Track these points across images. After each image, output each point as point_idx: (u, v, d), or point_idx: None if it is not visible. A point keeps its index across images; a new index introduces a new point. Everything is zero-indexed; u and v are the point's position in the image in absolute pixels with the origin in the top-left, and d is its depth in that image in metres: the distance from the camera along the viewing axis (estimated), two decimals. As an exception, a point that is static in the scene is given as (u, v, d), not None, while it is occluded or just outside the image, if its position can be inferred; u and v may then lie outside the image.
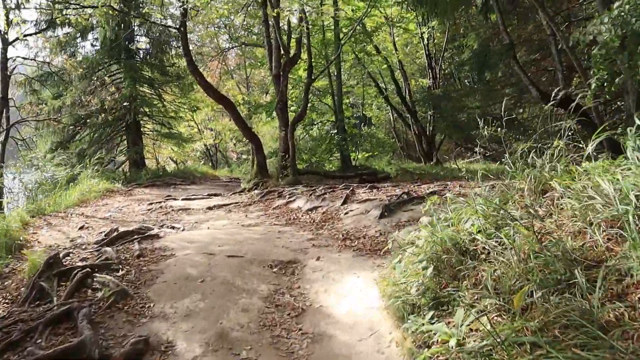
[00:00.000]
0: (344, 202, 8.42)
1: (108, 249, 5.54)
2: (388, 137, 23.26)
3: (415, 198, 7.59)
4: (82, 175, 14.19)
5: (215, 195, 12.62)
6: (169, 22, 16.45)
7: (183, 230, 7.54)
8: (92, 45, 19.34)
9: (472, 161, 20.03)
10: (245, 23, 17.57)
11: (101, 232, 7.16)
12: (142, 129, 20.18)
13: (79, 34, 17.94)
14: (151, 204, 10.99)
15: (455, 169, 15.59)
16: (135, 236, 6.48)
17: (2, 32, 12.77)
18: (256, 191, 12.14)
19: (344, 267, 5.22)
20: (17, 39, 11.62)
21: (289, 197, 10.03)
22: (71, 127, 17.18)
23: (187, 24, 13.29)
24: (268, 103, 18.27)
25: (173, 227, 7.71)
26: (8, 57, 13.28)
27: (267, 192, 11.33)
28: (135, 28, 18.58)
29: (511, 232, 3.60)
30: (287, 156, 12.95)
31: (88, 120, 17.33)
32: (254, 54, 22.91)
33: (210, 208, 10.09)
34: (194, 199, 11.90)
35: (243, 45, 21.88)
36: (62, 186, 13.42)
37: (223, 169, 26.75)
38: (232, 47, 22.75)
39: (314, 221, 7.83)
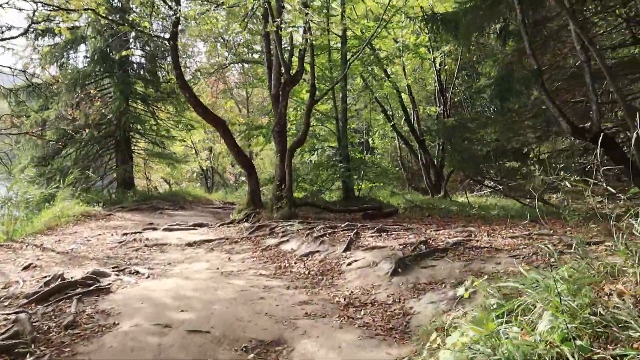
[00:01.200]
0: (347, 249, 6.99)
1: (23, 316, 4.07)
2: (393, 166, 21.89)
3: (436, 250, 6.14)
4: (58, 195, 12.82)
5: (201, 225, 11.20)
6: (165, 36, 15.17)
7: (147, 277, 6.11)
8: (84, 57, 18.19)
9: (481, 195, 18.75)
10: (244, 39, 16.36)
11: (45, 277, 5.72)
12: (132, 147, 18.83)
13: (69, 45, 16.73)
14: (126, 234, 9.59)
15: (466, 203, 14.30)
16: (79, 289, 5.04)
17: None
18: (246, 224, 10.74)
19: (346, 358, 3.79)
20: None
21: (282, 236, 8.62)
22: (52, 142, 15.80)
23: (179, 36, 12.08)
24: (266, 124, 16.96)
25: (137, 272, 6.29)
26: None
27: (258, 227, 9.91)
28: (131, 40, 17.40)
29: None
30: (282, 186, 11.51)
31: (76, 136, 15.95)
32: (256, 73, 21.67)
33: (190, 244, 8.66)
34: (177, 229, 10.50)
35: (242, 63, 20.69)
36: (35, 206, 12.08)
37: (218, 193, 25.33)
38: (230, 64, 21.49)
39: (309, 273, 6.39)
